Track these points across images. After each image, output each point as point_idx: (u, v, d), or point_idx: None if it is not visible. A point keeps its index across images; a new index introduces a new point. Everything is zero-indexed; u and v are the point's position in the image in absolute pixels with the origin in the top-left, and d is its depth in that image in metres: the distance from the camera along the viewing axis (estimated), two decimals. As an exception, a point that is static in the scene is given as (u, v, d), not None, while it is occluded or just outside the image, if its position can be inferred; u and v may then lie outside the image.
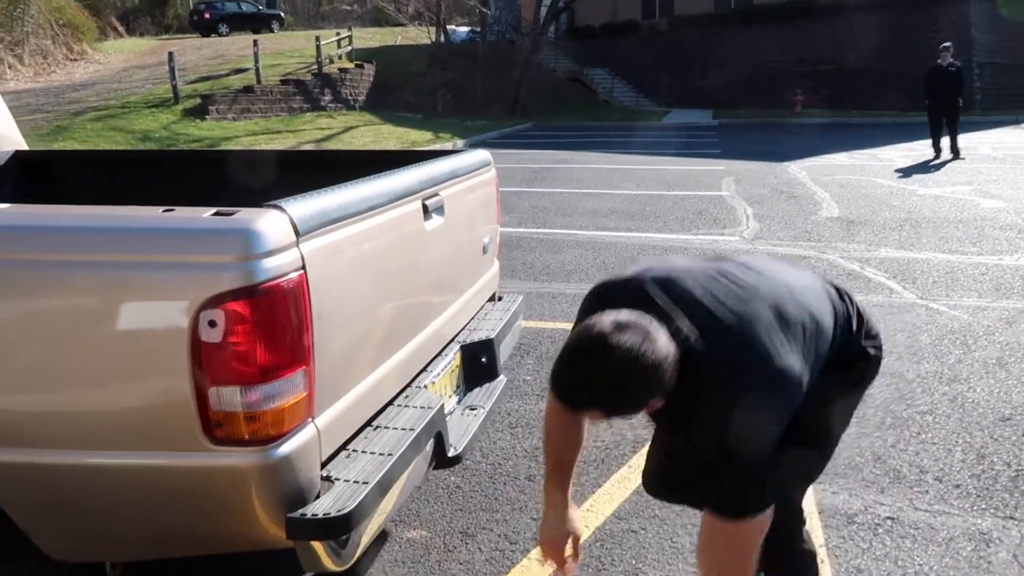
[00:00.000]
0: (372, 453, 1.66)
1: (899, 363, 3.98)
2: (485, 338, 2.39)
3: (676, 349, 1.31)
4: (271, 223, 1.38)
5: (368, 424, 1.77)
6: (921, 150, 13.63)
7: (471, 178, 2.42)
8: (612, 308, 1.35)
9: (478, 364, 2.39)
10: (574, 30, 32.86)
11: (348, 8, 48.97)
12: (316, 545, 1.47)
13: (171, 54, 17.31)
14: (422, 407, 1.89)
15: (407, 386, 1.99)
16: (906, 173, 11.33)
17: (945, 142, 12.70)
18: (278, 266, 1.37)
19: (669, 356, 1.29)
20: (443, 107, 24.34)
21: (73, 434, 1.44)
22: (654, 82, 29.25)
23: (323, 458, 1.55)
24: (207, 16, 32.00)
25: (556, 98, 27.76)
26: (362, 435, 1.73)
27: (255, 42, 19.71)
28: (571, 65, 31.82)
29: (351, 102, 22.17)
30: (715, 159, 13.72)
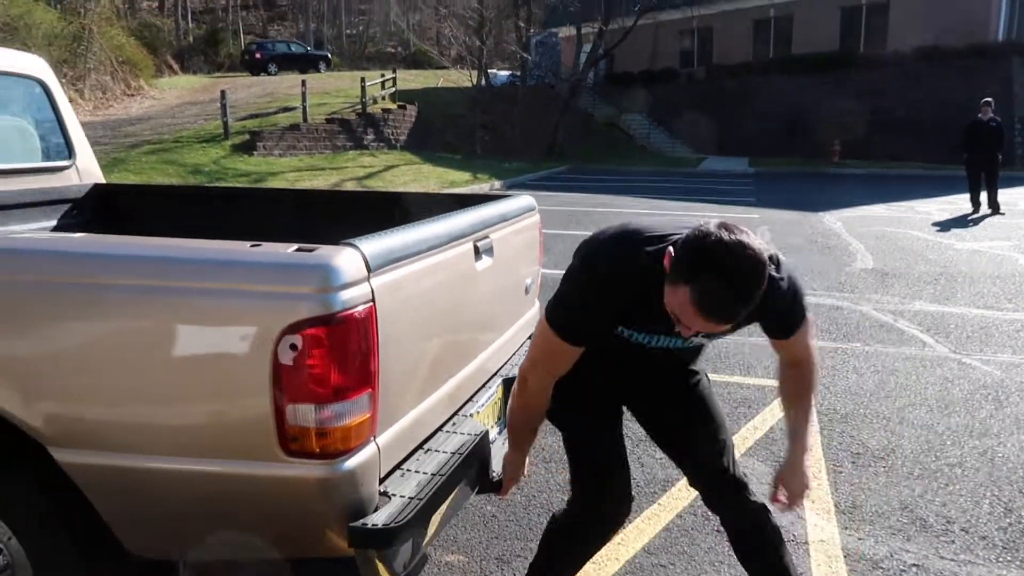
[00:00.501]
0: (423, 473, 1.81)
1: (929, 416, 4.03)
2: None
3: None
4: (347, 259, 1.55)
5: (420, 447, 1.91)
6: (959, 204, 13.59)
7: (518, 222, 2.59)
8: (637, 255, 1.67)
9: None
10: (613, 76, 33.40)
11: (392, 51, 50.39)
12: (373, 554, 1.61)
13: (223, 92, 18.00)
14: (468, 434, 2.03)
15: (454, 414, 2.13)
16: (943, 227, 11.31)
17: (984, 197, 12.67)
18: (352, 298, 1.54)
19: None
20: (482, 148, 24.84)
21: (163, 441, 1.61)
22: (691, 129, 29.53)
23: (381, 474, 1.70)
24: (258, 56, 33.24)
25: (593, 142, 28.16)
26: (414, 456, 1.87)
27: (303, 82, 20.40)
28: (609, 110, 32.27)
29: (393, 141, 22.75)
30: (750, 207, 13.82)
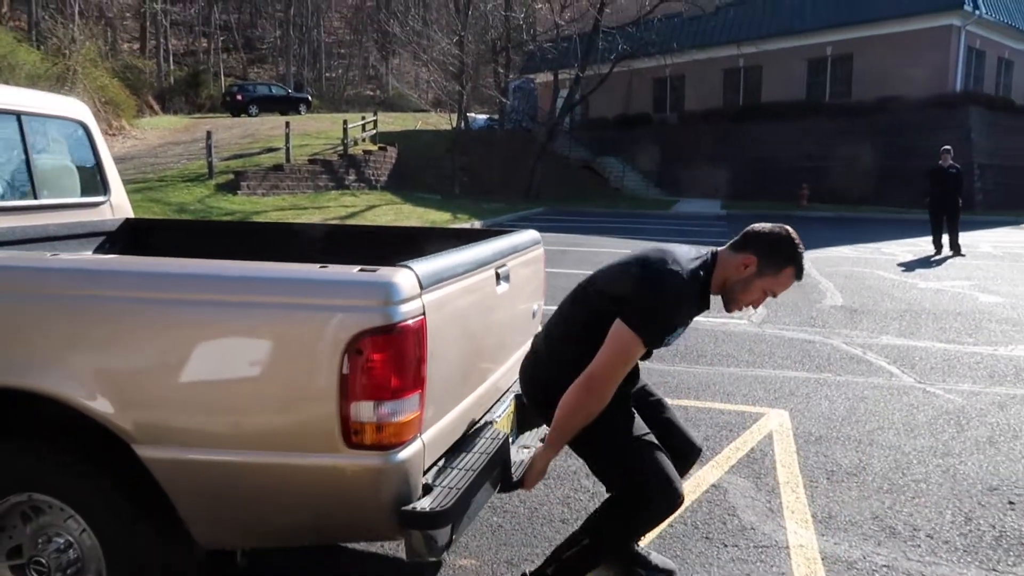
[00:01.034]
0: (458, 468, 2.06)
1: (897, 438, 4.34)
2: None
3: None
4: (404, 278, 1.83)
5: (454, 447, 2.17)
6: (923, 246, 14.19)
7: (527, 253, 2.89)
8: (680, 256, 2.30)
9: (526, 412, 2.80)
10: (588, 121, 34.29)
11: (371, 94, 51.19)
12: (417, 535, 1.85)
13: (209, 133, 18.30)
14: (492, 438, 2.30)
15: (480, 419, 2.40)
16: (908, 267, 11.83)
17: (946, 239, 13.28)
18: (408, 311, 1.81)
19: None
20: (461, 189, 25.31)
21: (239, 437, 1.85)
22: (664, 172, 30.36)
23: (425, 467, 1.95)
24: (239, 97, 33.62)
25: (569, 184, 28.79)
26: (450, 454, 2.13)
27: (287, 124, 20.79)
28: (585, 154, 33.06)
29: (373, 182, 23.13)
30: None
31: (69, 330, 1.95)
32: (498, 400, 2.64)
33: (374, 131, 25.81)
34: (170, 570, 2.06)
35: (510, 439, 2.51)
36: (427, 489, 1.94)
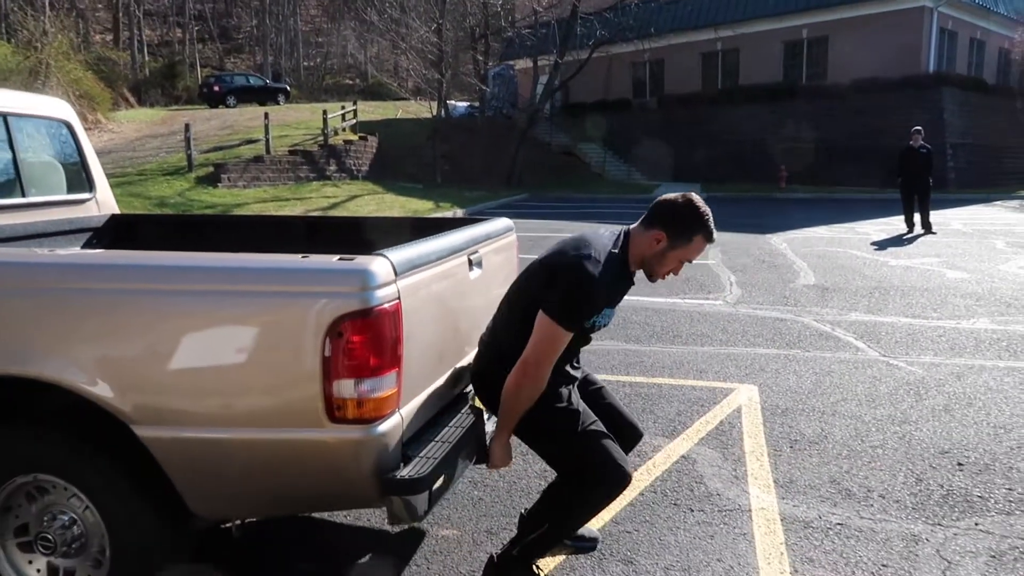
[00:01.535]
0: (435, 441, 2.23)
1: (858, 408, 4.56)
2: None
3: None
4: (380, 265, 1.99)
5: (431, 421, 2.34)
6: (896, 225, 14.48)
7: (499, 240, 3.05)
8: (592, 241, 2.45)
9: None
10: (568, 107, 34.37)
11: (350, 82, 50.96)
12: (398, 501, 2.02)
13: (187, 125, 18.25)
14: (468, 413, 2.47)
15: (455, 397, 2.56)
16: (880, 246, 12.11)
17: (917, 218, 13.58)
18: (384, 296, 1.97)
19: None
20: (442, 178, 25.38)
21: (230, 415, 2.01)
22: (645, 157, 30.54)
23: (404, 439, 2.12)
24: (216, 89, 33.42)
25: (551, 171, 28.93)
26: (428, 428, 2.30)
27: (266, 115, 20.74)
28: (565, 140, 33.17)
29: (355, 172, 23.15)
30: (702, 231, 14.50)
31: (66, 321, 2.09)
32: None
33: (354, 120, 25.79)
34: (168, 542, 2.22)
35: (484, 415, 2.68)
36: (406, 459, 2.11)
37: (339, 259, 2.01)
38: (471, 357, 2.78)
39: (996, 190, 23.53)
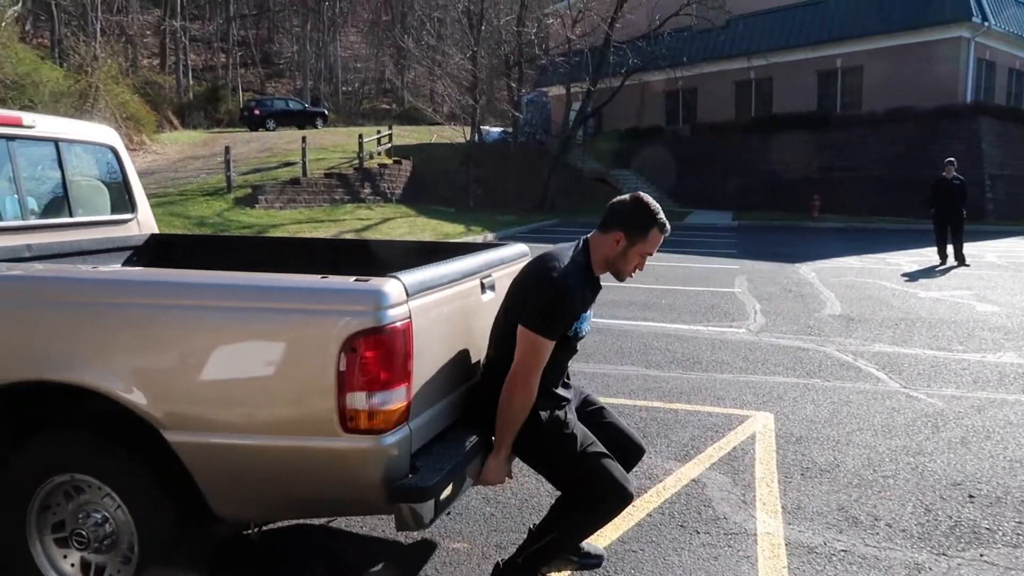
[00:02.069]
0: (443, 453, 2.36)
1: (873, 438, 4.59)
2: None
3: None
4: (392, 287, 2.13)
5: (440, 435, 2.47)
6: (929, 256, 14.34)
7: (513, 265, 3.18)
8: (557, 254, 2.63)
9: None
10: (601, 133, 34.59)
11: (387, 107, 51.88)
12: (405, 508, 2.15)
13: (227, 148, 18.79)
14: (475, 429, 2.59)
15: (462, 415, 2.69)
16: (912, 277, 12.01)
17: (951, 249, 13.45)
18: (396, 315, 2.11)
19: None
20: (475, 202, 25.67)
21: (253, 422, 2.16)
22: (677, 184, 30.56)
23: (412, 450, 2.25)
24: (256, 112, 34.28)
25: (583, 196, 29.07)
26: (437, 441, 2.43)
27: (303, 138, 21.26)
28: (597, 166, 33.35)
29: (388, 195, 23.55)
30: (731, 258, 14.53)
31: (106, 333, 2.27)
32: (485, 397, 2.92)
33: (389, 144, 26.28)
34: (192, 542, 2.37)
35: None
36: (414, 469, 2.24)
37: (355, 280, 2.16)
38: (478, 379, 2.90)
39: (1035, 222, 23.11)
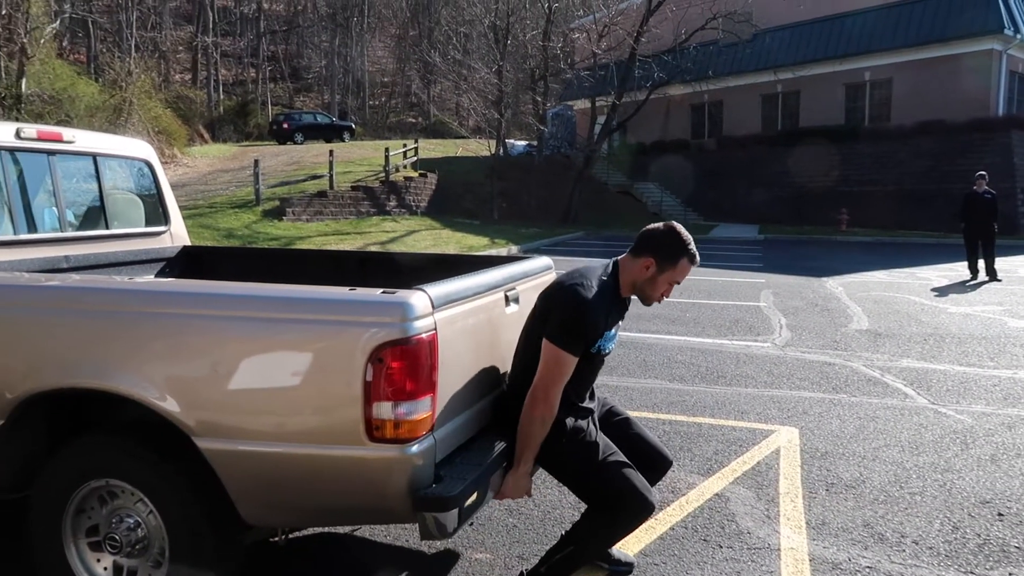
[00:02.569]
0: (467, 463, 2.39)
1: (900, 455, 4.54)
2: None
3: None
4: (418, 299, 2.18)
5: (465, 445, 2.50)
6: (959, 271, 14.14)
7: (538, 278, 3.22)
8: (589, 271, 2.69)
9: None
10: (626, 146, 34.62)
11: (413, 121, 52.36)
12: (429, 517, 2.18)
13: (256, 161, 19.09)
14: (499, 440, 2.62)
15: (486, 426, 2.72)
16: (942, 292, 11.85)
17: (982, 264, 13.24)
18: (422, 327, 2.15)
19: None
20: (499, 215, 25.78)
21: (282, 430, 2.21)
22: (702, 197, 30.47)
23: (437, 460, 2.28)
24: (285, 126, 34.81)
25: (607, 209, 29.09)
26: (461, 451, 2.46)
27: (331, 152, 21.54)
28: (622, 179, 33.36)
29: (414, 208, 23.74)
30: (757, 272, 14.44)
31: (141, 342, 2.34)
32: (508, 409, 2.95)
33: (415, 158, 26.52)
34: (221, 547, 2.42)
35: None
36: (438, 479, 2.27)
37: (382, 292, 2.20)
38: (502, 389, 2.94)
39: (1070, 237, 22.67)
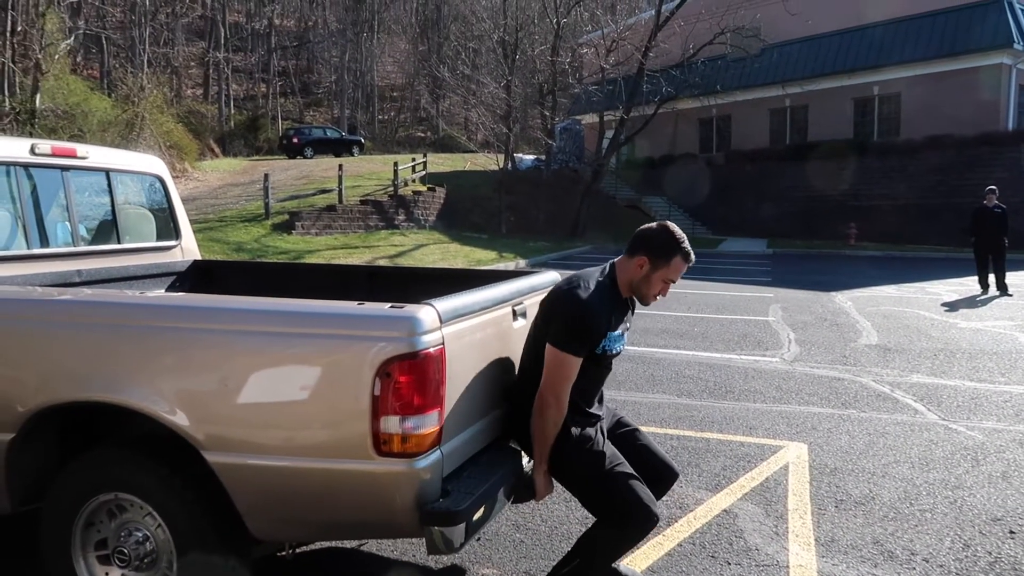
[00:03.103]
0: (474, 478, 2.40)
1: (910, 471, 4.51)
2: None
3: None
4: (426, 313, 2.19)
5: (472, 459, 2.51)
6: (970, 285, 14.06)
7: (545, 292, 3.22)
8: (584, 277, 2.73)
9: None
10: (634, 161, 34.66)
11: (422, 135, 52.61)
12: (436, 531, 2.18)
13: (266, 175, 19.21)
14: (508, 455, 2.63)
15: (496, 440, 2.73)
16: (951, 307, 11.78)
17: (992, 279, 13.18)
18: (429, 341, 2.17)
19: None
20: (507, 228, 25.84)
21: (289, 445, 2.22)
22: (710, 211, 30.45)
23: (444, 474, 2.29)
24: (295, 140, 35.03)
25: (615, 223, 29.06)
26: (468, 465, 2.47)
27: (340, 166, 21.66)
28: (630, 193, 33.37)
29: (422, 221, 23.82)
30: (765, 286, 14.40)
31: (151, 356, 2.36)
32: (516, 423, 2.96)
33: (423, 172, 26.63)
34: (229, 562, 2.43)
35: (523, 455, 2.83)
36: (445, 493, 2.28)
37: (390, 307, 2.22)
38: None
39: (1082, 252, 22.51)
